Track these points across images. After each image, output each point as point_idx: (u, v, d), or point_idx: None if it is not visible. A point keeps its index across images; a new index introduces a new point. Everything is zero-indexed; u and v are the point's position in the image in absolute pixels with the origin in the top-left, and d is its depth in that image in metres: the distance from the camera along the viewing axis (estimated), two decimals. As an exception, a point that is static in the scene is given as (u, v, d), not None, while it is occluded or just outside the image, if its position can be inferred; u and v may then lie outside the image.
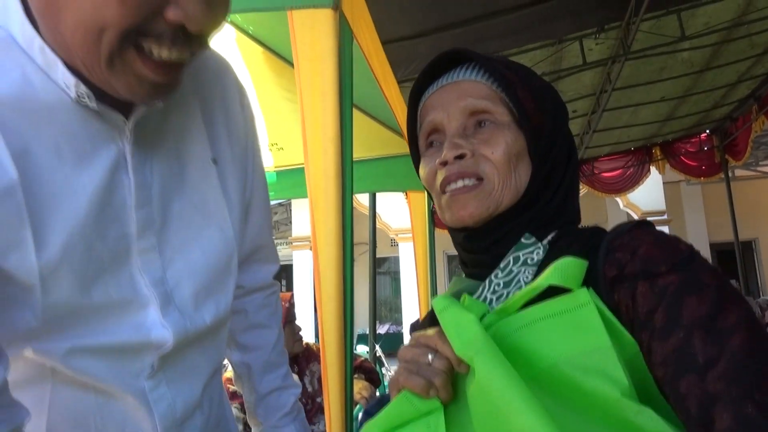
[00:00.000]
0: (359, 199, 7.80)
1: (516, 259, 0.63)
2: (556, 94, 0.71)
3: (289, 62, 2.31)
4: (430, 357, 0.56)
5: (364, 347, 5.73)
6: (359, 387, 2.41)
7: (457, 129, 0.67)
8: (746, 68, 5.72)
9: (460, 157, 0.65)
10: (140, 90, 0.59)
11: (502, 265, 0.63)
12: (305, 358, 2.34)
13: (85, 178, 0.63)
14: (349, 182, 1.45)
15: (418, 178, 0.74)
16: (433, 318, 0.64)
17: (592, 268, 0.56)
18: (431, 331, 0.58)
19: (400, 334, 11.89)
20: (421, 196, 3.66)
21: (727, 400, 0.45)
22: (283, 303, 2.26)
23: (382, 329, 12.33)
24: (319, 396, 2.25)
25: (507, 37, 4.09)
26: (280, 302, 1.04)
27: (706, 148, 7.64)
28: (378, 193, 4.41)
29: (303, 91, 1.44)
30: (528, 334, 0.54)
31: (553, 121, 0.67)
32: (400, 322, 12.48)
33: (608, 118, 6.35)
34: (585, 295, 0.53)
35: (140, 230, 0.68)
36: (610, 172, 7.98)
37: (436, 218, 3.83)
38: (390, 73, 2.36)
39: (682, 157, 7.76)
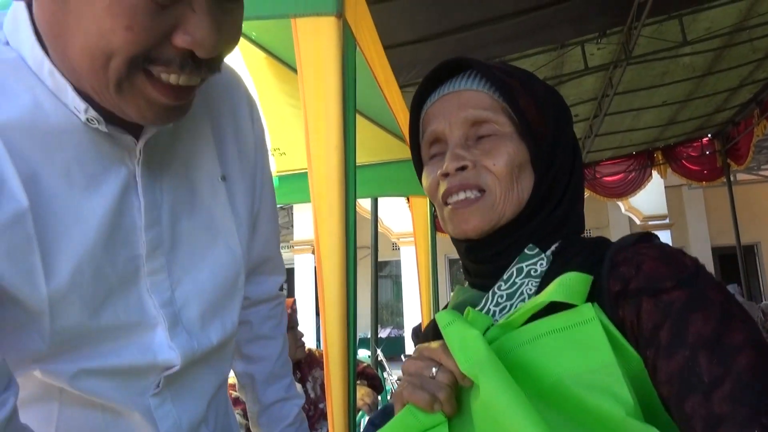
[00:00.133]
0: (361, 203, 7.80)
1: (519, 271, 0.62)
2: (559, 99, 0.70)
3: (291, 67, 2.31)
4: (434, 370, 0.56)
5: (366, 351, 5.71)
6: (362, 393, 2.41)
7: (458, 139, 0.66)
8: (748, 73, 5.72)
9: (462, 169, 0.64)
10: (150, 113, 0.58)
11: (506, 277, 0.63)
12: (308, 364, 2.34)
13: (95, 202, 0.62)
14: (352, 189, 1.45)
15: (420, 184, 0.74)
16: (437, 329, 0.64)
17: (596, 282, 0.56)
18: (435, 345, 0.58)
19: (402, 338, 11.87)
20: (423, 201, 3.65)
21: (732, 421, 0.44)
22: (286, 309, 2.25)
23: (383, 333, 12.30)
24: (322, 402, 2.25)
25: (509, 43, 4.10)
26: (285, 313, 1.04)
27: (708, 153, 7.64)
28: (379, 198, 4.42)
29: (306, 98, 1.44)
30: (532, 349, 0.53)
31: (556, 129, 0.66)
32: (401, 326, 12.47)
33: (610, 123, 6.35)
34: (590, 311, 0.53)
35: (150, 251, 0.67)
36: (611, 177, 7.98)
37: (438, 223, 3.83)
38: (392, 79, 2.36)
39: (684, 162, 7.76)
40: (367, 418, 2.74)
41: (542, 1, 3.69)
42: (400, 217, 10.24)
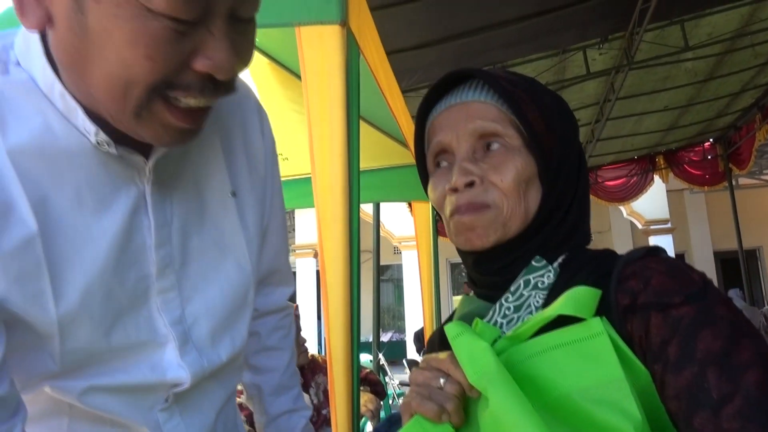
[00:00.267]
0: (363, 207, 7.80)
1: (526, 283, 0.62)
2: (566, 108, 0.69)
3: (294, 73, 2.32)
4: (442, 381, 0.56)
5: (367, 356, 5.69)
6: (365, 399, 2.41)
7: (466, 152, 0.65)
8: (750, 78, 5.73)
9: (470, 184, 0.64)
10: (166, 137, 0.58)
11: (513, 289, 0.63)
12: (311, 369, 2.34)
13: (105, 223, 0.62)
14: (356, 195, 1.46)
15: (422, 189, 0.73)
16: (443, 339, 0.64)
17: (604, 296, 0.56)
18: (443, 355, 0.58)
19: (403, 342, 11.85)
20: (426, 206, 3.66)
21: None
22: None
23: (384, 337, 12.28)
24: (325, 408, 2.25)
25: (511, 48, 4.11)
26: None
27: (709, 157, 7.64)
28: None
29: (310, 105, 1.45)
30: (540, 362, 0.54)
31: (563, 141, 0.66)
32: (402, 330, 12.45)
33: (612, 127, 6.36)
34: (598, 325, 0.53)
35: (160, 270, 0.67)
36: (613, 181, 7.98)
37: (440, 227, 3.84)
38: (395, 84, 2.37)
39: (686, 166, 7.76)
40: (369, 424, 2.74)
41: (544, 7, 3.70)
42: (401, 221, 10.25)
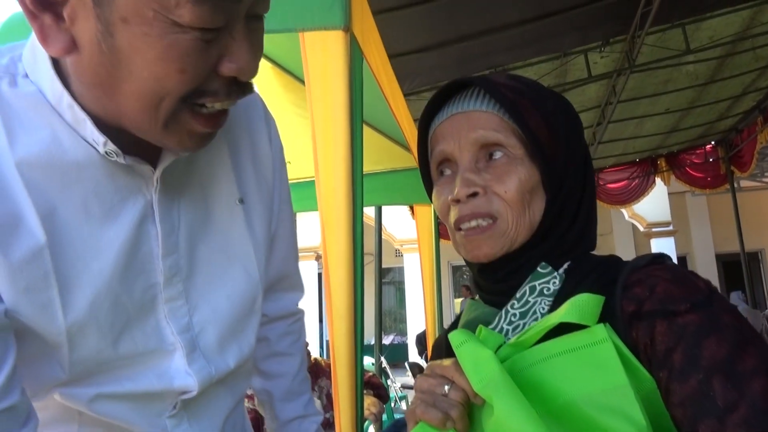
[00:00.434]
0: (365, 210, 7.81)
1: (532, 289, 0.63)
2: (570, 111, 0.69)
3: (297, 77, 2.33)
4: (446, 388, 0.56)
5: (369, 358, 5.68)
6: (368, 403, 2.41)
7: (469, 162, 0.65)
8: (751, 80, 5.73)
9: (473, 195, 0.64)
10: (190, 143, 0.59)
11: (518, 295, 0.63)
12: (313, 373, 2.34)
13: (113, 233, 0.62)
14: (360, 199, 1.46)
15: (424, 192, 0.74)
16: (449, 345, 0.65)
17: (609, 303, 0.56)
18: (447, 362, 0.58)
19: (405, 345, 11.84)
20: (428, 209, 3.66)
21: None
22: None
23: (386, 340, 12.25)
24: (329, 411, 2.25)
25: (512, 51, 4.12)
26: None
27: (711, 160, 7.64)
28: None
29: (314, 110, 1.45)
30: (544, 369, 0.54)
31: (567, 147, 0.65)
32: (404, 333, 12.43)
33: (613, 130, 6.36)
34: (602, 332, 0.53)
35: (167, 278, 0.67)
36: (615, 184, 7.98)
37: (442, 230, 3.84)
38: (397, 88, 2.37)
39: (688, 169, 7.76)
40: (372, 427, 2.73)
41: (546, 10, 3.71)
42: (402, 224, 10.25)
